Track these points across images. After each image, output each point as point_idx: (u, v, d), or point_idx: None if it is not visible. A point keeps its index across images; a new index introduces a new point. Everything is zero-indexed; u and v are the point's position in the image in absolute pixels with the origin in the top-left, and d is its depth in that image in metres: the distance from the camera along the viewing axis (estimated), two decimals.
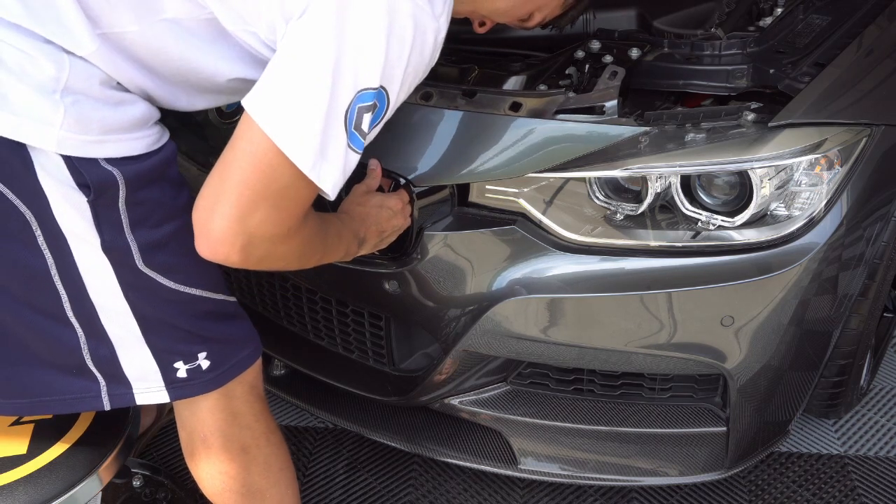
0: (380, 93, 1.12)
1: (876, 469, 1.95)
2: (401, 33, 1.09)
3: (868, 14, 1.75)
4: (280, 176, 1.09)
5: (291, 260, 1.21)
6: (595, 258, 1.52)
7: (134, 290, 1.19)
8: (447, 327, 1.61)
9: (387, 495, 1.91)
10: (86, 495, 1.35)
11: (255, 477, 1.40)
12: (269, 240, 1.13)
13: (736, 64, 1.57)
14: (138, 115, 1.17)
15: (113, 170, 1.13)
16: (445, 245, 1.55)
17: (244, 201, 1.09)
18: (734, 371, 1.59)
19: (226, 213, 1.09)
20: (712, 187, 1.51)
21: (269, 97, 1.08)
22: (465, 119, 1.52)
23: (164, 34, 1.15)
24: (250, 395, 1.36)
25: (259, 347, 1.36)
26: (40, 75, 1.08)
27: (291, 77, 1.08)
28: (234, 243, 1.10)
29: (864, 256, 1.63)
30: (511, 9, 1.38)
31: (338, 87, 1.08)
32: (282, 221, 1.12)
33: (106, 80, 1.14)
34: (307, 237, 1.21)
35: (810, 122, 1.49)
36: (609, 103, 1.47)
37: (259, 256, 1.14)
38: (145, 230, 1.17)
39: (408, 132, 1.53)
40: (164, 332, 1.24)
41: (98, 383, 1.25)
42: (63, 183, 1.11)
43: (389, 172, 1.52)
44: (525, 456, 1.74)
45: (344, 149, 1.12)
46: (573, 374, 1.72)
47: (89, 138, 1.10)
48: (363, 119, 1.12)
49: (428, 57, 1.16)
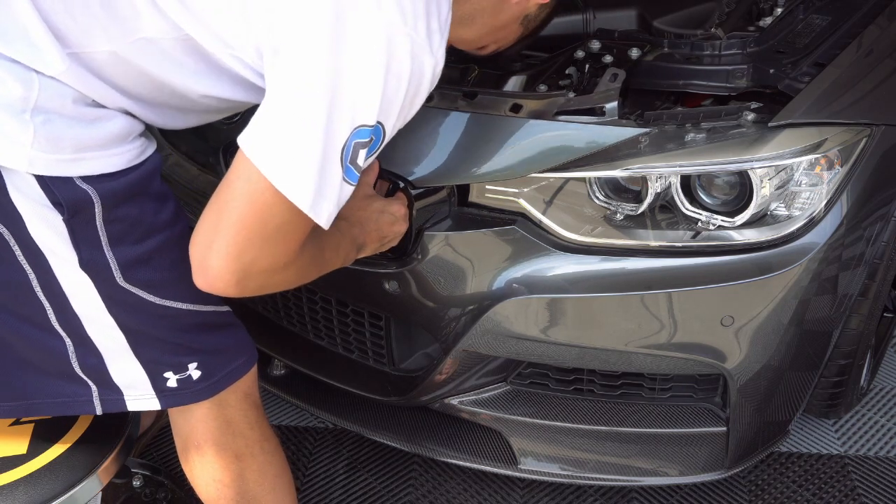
0: (376, 128, 1.11)
1: (876, 469, 1.95)
2: (398, 70, 1.08)
3: (868, 14, 1.75)
4: (277, 214, 1.08)
5: (289, 285, 1.22)
6: (595, 258, 1.52)
7: (117, 305, 1.18)
8: (447, 327, 1.61)
9: (387, 495, 1.91)
10: (86, 495, 1.35)
11: (249, 484, 1.40)
12: (266, 273, 1.13)
13: (736, 64, 1.56)
14: (116, 130, 1.14)
15: (88, 188, 1.11)
16: (445, 245, 1.55)
17: (240, 240, 1.08)
18: (734, 371, 1.59)
19: (222, 251, 1.09)
20: (712, 187, 1.51)
21: (265, 136, 1.07)
22: (466, 120, 1.52)
23: (139, 54, 1.12)
24: (244, 403, 1.36)
25: (254, 356, 1.35)
26: (8, 95, 1.06)
27: (287, 116, 1.06)
28: (231, 279, 1.10)
29: (864, 256, 1.63)
30: (474, 40, 1.39)
31: (334, 126, 1.07)
32: (278, 256, 1.12)
33: (79, 98, 1.11)
34: (304, 264, 1.20)
35: (810, 122, 1.49)
36: (609, 105, 1.47)
37: (255, 287, 1.14)
38: (125, 247, 1.16)
39: (408, 134, 1.52)
40: (151, 345, 1.23)
41: (89, 388, 1.24)
42: (36, 202, 1.10)
43: (389, 174, 1.52)
44: (525, 456, 1.74)
45: (339, 184, 1.11)
46: (573, 374, 1.72)
47: (62, 157, 1.08)
48: (359, 154, 1.11)
49: (425, 90, 1.15)
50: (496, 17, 1.34)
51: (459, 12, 1.26)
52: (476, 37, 1.37)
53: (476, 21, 1.33)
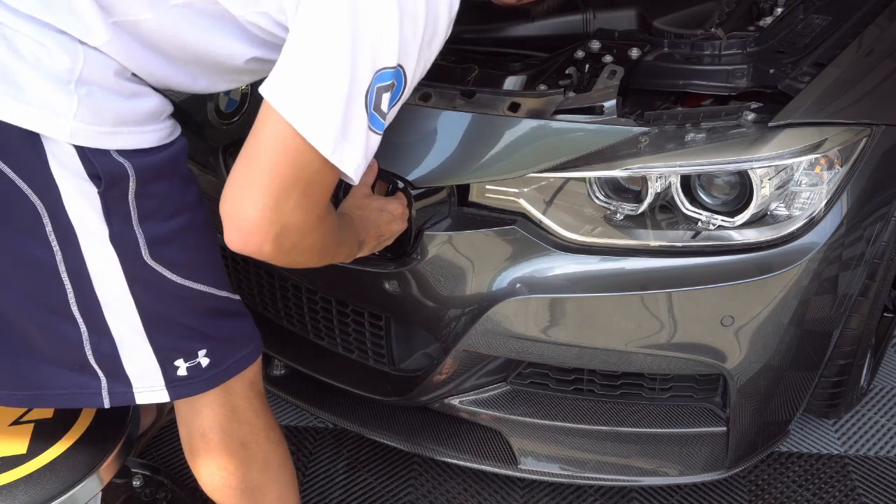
0: (398, 71, 1.11)
1: (876, 469, 1.95)
2: (413, 10, 1.09)
3: (868, 14, 1.75)
4: (309, 161, 1.08)
5: (314, 254, 1.21)
6: (595, 258, 1.52)
7: (139, 284, 1.19)
8: (447, 327, 1.61)
9: (387, 495, 1.91)
10: (86, 495, 1.35)
11: (254, 473, 1.40)
12: (300, 229, 1.12)
13: (736, 64, 1.56)
14: (151, 107, 1.17)
15: (124, 162, 1.13)
16: (445, 245, 1.55)
17: (276, 188, 1.07)
18: (734, 371, 1.59)
19: (258, 201, 1.07)
20: (712, 187, 1.51)
21: (288, 83, 1.07)
22: (464, 120, 1.51)
23: (177, 19, 1.14)
24: (250, 391, 1.37)
25: (260, 346, 1.36)
26: (55, 66, 1.08)
27: (309, 61, 1.07)
28: (269, 231, 1.09)
29: (864, 256, 1.63)
30: None
31: (357, 69, 1.07)
32: (311, 208, 1.12)
33: (120, 71, 1.14)
34: (330, 228, 1.21)
35: (810, 122, 1.49)
36: (608, 103, 1.47)
37: (289, 247, 1.13)
38: (153, 223, 1.17)
39: (407, 133, 1.53)
40: (166, 328, 1.24)
41: (99, 380, 1.24)
42: (75, 173, 1.11)
43: (388, 174, 1.52)
44: (525, 456, 1.74)
45: (365, 131, 1.11)
46: (573, 374, 1.72)
47: (102, 129, 1.11)
48: (382, 99, 1.11)
49: (443, 31, 1.15)
50: None
51: None
52: None
53: None
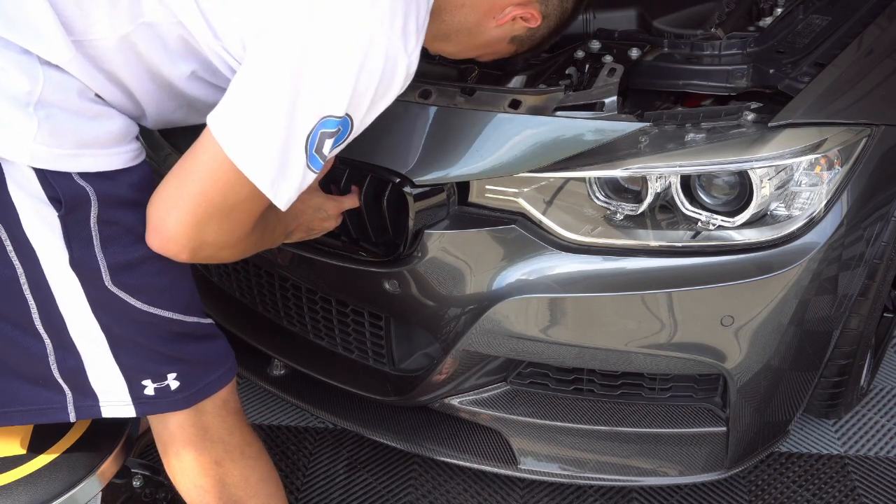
0: (345, 120, 1.12)
1: (876, 469, 1.95)
2: (371, 67, 1.09)
3: (868, 14, 1.75)
4: (238, 192, 1.11)
5: (233, 259, 1.25)
6: (595, 258, 1.52)
7: (102, 308, 1.19)
8: (447, 327, 1.61)
9: (387, 495, 1.91)
10: (86, 495, 1.35)
11: (232, 489, 1.40)
12: (218, 245, 1.16)
13: (736, 64, 1.56)
14: (115, 129, 1.16)
15: (86, 185, 1.12)
16: (445, 245, 1.55)
17: (200, 212, 1.11)
18: (734, 371, 1.59)
19: (182, 218, 1.11)
20: (712, 187, 1.51)
21: (232, 116, 1.09)
22: (465, 117, 1.51)
23: (139, 43, 1.14)
24: (222, 410, 1.36)
25: (233, 369, 1.35)
26: (13, 88, 1.07)
27: (253, 99, 1.08)
28: (187, 245, 1.14)
29: (864, 256, 1.63)
30: (458, 52, 1.40)
31: (299, 113, 1.08)
32: (233, 231, 1.16)
33: (83, 91, 1.12)
34: (253, 242, 1.23)
35: (810, 122, 1.49)
36: (608, 100, 1.47)
37: (204, 257, 1.18)
38: (116, 249, 1.17)
39: (406, 130, 1.53)
40: (132, 351, 1.23)
41: (64, 394, 1.24)
42: (34, 196, 1.10)
43: (388, 172, 1.52)
44: (525, 456, 1.74)
45: (303, 169, 1.13)
46: (573, 374, 1.72)
47: (63, 151, 1.09)
48: (325, 143, 1.13)
49: (398, 87, 1.15)
50: (475, 38, 1.35)
51: (436, 29, 1.27)
52: (458, 51, 1.39)
53: (453, 39, 1.34)
